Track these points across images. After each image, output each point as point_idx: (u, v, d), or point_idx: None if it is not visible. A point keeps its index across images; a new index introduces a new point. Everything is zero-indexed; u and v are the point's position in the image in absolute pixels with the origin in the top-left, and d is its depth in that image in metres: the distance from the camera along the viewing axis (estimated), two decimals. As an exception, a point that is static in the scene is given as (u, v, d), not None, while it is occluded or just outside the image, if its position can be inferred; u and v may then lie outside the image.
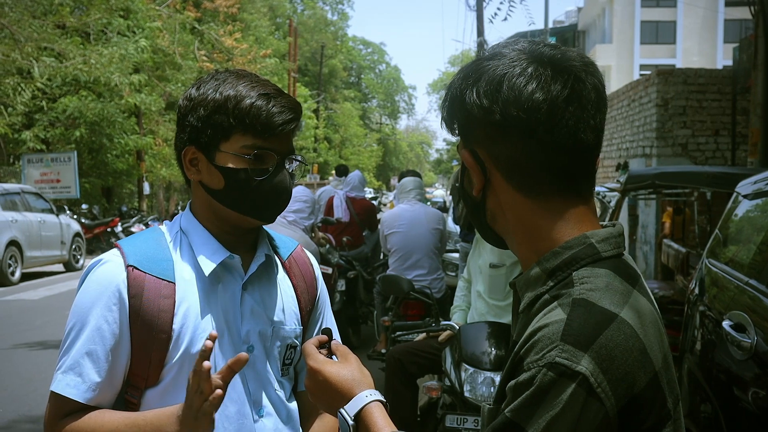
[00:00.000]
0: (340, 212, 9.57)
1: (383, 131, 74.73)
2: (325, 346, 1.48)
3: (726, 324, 3.25)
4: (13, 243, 14.69)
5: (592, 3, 53.02)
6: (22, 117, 19.74)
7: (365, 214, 9.64)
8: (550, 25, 44.41)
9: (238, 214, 1.73)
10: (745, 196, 3.98)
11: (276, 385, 1.79)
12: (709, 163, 12.12)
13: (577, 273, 1.14)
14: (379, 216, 9.70)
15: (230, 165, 1.70)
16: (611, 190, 7.67)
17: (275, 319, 1.80)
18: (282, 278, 1.87)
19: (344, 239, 9.22)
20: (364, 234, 9.62)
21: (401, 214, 6.89)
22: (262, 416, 1.75)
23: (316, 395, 1.42)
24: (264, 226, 1.87)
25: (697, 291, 4.06)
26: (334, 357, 1.46)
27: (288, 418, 1.81)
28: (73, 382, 1.62)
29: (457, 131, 1.25)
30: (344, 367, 1.41)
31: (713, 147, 12.45)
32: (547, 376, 1.04)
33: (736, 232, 4.02)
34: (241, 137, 1.69)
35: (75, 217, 20.14)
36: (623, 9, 48.66)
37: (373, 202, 11.63)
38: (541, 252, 1.19)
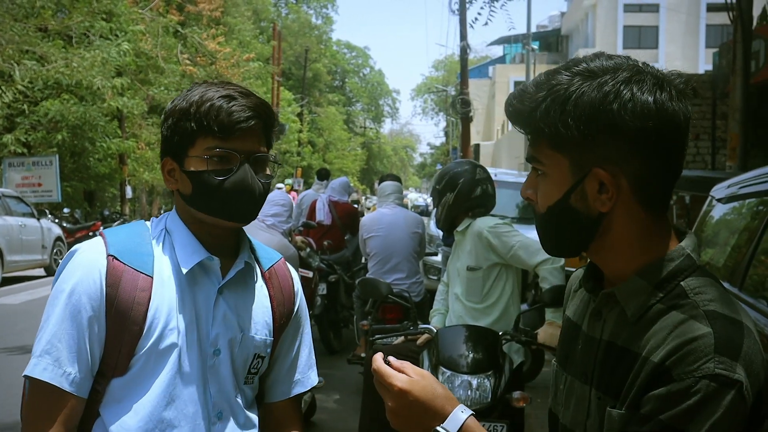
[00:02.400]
0: (323, 215, 9.56)
1: (367, 135, 74.73)
2: (386, 363, 1.42)
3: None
4: (-7, 247, 14.60)
5: (575, 7, 53.27)
6: (3, 120, 19.61)
7: (348, 217, 9.64)
8: (534, 30, 44.59)
9: (211, 217, 1.75)
10: (719, 200, 4.02)
11: (237, 392, 1.80)
12: (689, 167, 12.19)
13: (685, 283, 1.27)
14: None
15: (195, 169, 1.73)
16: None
17: (246, 327, 1.81)
18: (260, 288, 1.88)
19: (325, 243, 9.22)
20: (345, 238, 9.62)
21: (380, 218, 6.90)
22: (219, 419, 1.76)
23: (404, 416, 1.38)
24: (249, 236, 1.90)
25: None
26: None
27: (245, 426, 1.82)
28: (49, 366, 1.63)
29: (565, 145, 1.27)
30: (429, 385, 1.38)
31: (693, 151, 12.54)
32: (710, 386, 1.14)
33: (711, 235, 4.05)
34: (203, 140, 1.71)
35: (56, 221, 20.01)
36: (606, 14, 48.90)
37: (355, 205, 11.60)
38: (640, 264, 1.30)
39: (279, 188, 17.59)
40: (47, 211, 20.22)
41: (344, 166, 54.58)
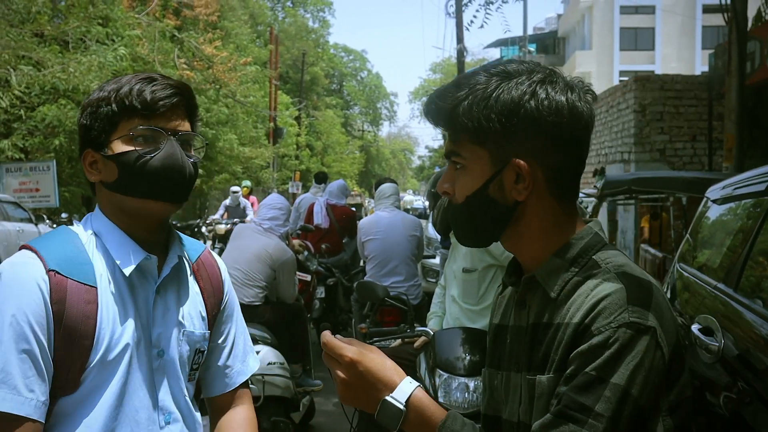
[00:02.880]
0: (320, 219, 9.57)
1: (365, 138, 74.69)
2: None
3: (695, 327, 3.28)
4: (-9, 252, 14.58)
5: (571, 10, 53.31)
6: (0, 126, 19.60)
7: (345, 221, 9.64)
8: (530, 32, 44.63)
9: (140, 200, 1.69)
10: (714, 201, 4.03)
11: (184, 391, 1.78)
12: (686, 168, 12.22)
13: (597, 256, 1.40)
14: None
15: (118, 151, 1.68)
16: (588, 195, 7.73)
17: (185, 323, 1.78)
18: (191, 281, 1.85)
19: (323, 246, 9.22)
20: (344, 241, 9.62)
21: (378, 221, 6.91)
22: (169, 422, 1.73)
23: (354, 387, 1.43)
24: (179, 235, 1.86)
25: (668, 295, 4.09)
26: None
27: (193, 424, 1.80)
28: (8, 395, 1.51)
29: (486, 138, 1.38)
30: (379, 357, 1.45)
31: (690, 152, 12.56)
32: (626, 333, 1.24)
33: (706, 236, 4.06)
34: (127, 122, 1.68)
35: (54, 226, 19.99)
36: (603, 16, 48.95)
37: (353, 208, 11.60)
38: (555, 246, 1.42)
39: (235, 191, 18.05)
40: (45, 217, 20.21)
41: (342, 169, 54.52)
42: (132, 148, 1.67)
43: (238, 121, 32.48)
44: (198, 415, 1.84)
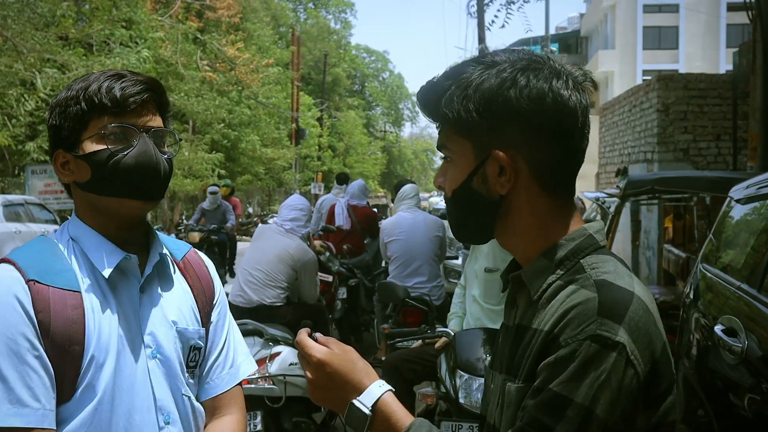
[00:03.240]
0: (342, 220, 9.58)
1: (387, 139, 74.68)
2: (311, 338, 1.45)
3: (718, 328, 3.25)
4: (16, 254, 14.71)
5: (594, 9, 53.05)
6: (26, 128, 19.78)
7: (366, 221, 9.65)
8: (552, 31, 44.45)
9: (116, 199, 1.67)
10: (737, 201, 3.99)
11: (183, 389, 1.75)
12: (710, 167, 12.10)
13: (585, 260, 1.30)
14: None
15: (90, 150, 1.65)
16: (611, 195, 7.68)
17: (175, 320, 1.75)
18: (178, 279, 1.83)
19: (345, 247, 9.24)
20: (365, 242, 9.63)
21: (401, 221, 6.91)
22: (168, 423, 1.69)
23: (322, 388, 1.41)
24: (158, 233, 1.84)
25: (691, 296, 4.06)
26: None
27: (194, 423, 1.77)
28: (13, 410, 1.49)
29: (468, 130, 1.32)
30: (350, 358, 1.42)
31: (715, 152, 12.44)
32: (591, 347, 1.16)
33: (729, 236, 4.02)
34: (98, 120, 1.65)
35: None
36: (625, 15, 48.65)
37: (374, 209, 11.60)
38: (545, 245, 1.33)
39: (213, 192, 15.31)
40: (69, 218, 20.39)
41: (365, 170, 54.52)
42: (104, 146, 1.65)
43: (260, 122, 32.62)
44: (202, 413, 1.81)
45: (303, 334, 1.45)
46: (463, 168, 1.35)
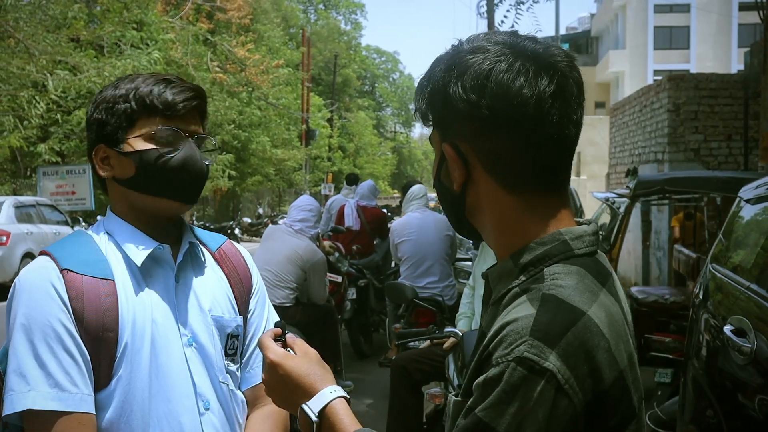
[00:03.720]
0: (351, 221, 9.60)
1: (397, 139, 74.70)
2: (280, 340, 1.45)
3: (727, 329, 3.24)
4: (28, 255, 14.79)
5: (604, 9, 52.91)
6: (38, 130, 19.88)
7: (376, 222, 9.66)
8: (563, 32, 44.36)
9: (154, 198, 1.72)
10: (747, 201, 3.98)
11: (221, 377, 1.76)
12: (721, 168, 12.06)
13: (549, 269, 1.16)
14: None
15: (138, 148, 1.69)
16: (621, 195, 7.66)
17: (211, 308, 1.78)
18: (213, 268, 1.86)
19: (354, 247, 9.25)
20: (375, 242, 9.64)
21: (410, 222, 6.91)
22: (207, 410, 1.71)
23: (275, 390, 1.40)
24: (191, 225, 1.87)
25: (701, 296, 4.05)
26: (290, 351, 1.43)
27: (234, 410, 1.79)
28: (52, 393, 1.53)
29: (432, 123, 1.25)
30: (305, 362, 1.39)
31: (726, 152, 12.39)
32: (516, 371, 1.04)
33: (739, 237, 4.01)
34: (146, 120, 1.70)
35: (90, 228, 20.23)
36: (636, 15, 48.50)
37: (384, 210, 11.60)
38: (516, 246, 1.20)
39: None
40: (81, 219, 20.48)
41: (375, 170, 54.57)
42: (152, 146, 1.69)
43: (270, 123, 32.71)
44: (241, 396, 1.82)
45: (266, 335, 1.45)
46: (436, 161, 1.28)
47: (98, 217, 16.64)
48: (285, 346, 1.44)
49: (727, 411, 3.26)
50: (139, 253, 1.70)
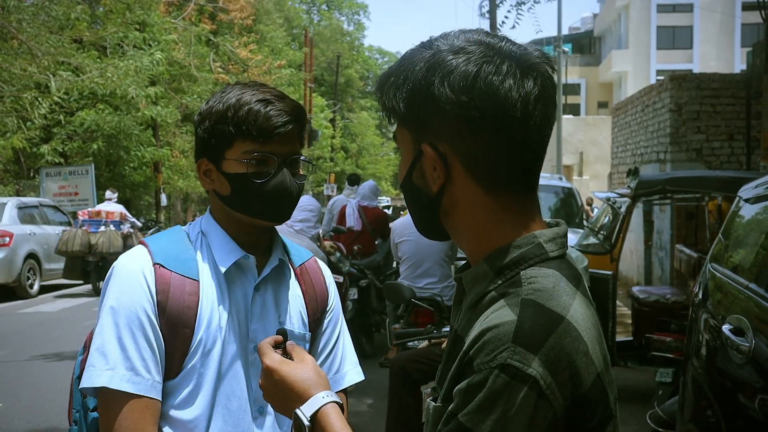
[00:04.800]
0: (353, 221, 9.60)
1: (400, 140, 74.63)
2: (281, 347, 1.51)
3: (725, 328, 3.24)
4: (31, 256, 14.84)
5: (608, 9, 52.89)
6: (40, 131, 19.93)
7: (377, 222, 9.67)
8: (566, 32, 44.31)
9: (247, 217, 1.81)
10: (746, 201, 3.98)
11: None
12: (724, 167, 12.04)
13: (525, 272, 1.15)
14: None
15: (233, 171, 1.77)
16: (622, 195, 7.66)
17: (282, 320, 1.85)
18: (293, 283, 1.92)
19: (356, 248, 9.25)
20: (376, 243, 9.64)
21: (411, 222, 6.88)
22: (261, 414, 1.79)
23: (271, 394, 1.45)
24: (281, 236, 1.95)
25: (700, 296, 4.05)
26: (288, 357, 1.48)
27: (286, 421, 1.83)
28: (127, 376, 1.64)
29: (405, 122, 1.22)
30: (300, 368, 1.44)
31: (728, 152, 12.38)
32: (499, 377, 1.04)
33: (739, 236, 4.01)
34: (242, 143, 1.75)
35: (93, 229, 20.28)
36: (639, 14, 48.49)
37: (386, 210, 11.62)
38: (490, 248, 1.19)
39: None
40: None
41: (377, 171, 54.59)
42: (245, 170, 1.76)
43: (273, 123, 32.68)
44: None
45: (266, 342, 1.50)
46: (406, 161, 1.25)
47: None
48: (285, 352, 1.50)
49: (726, 410, 3.26)
50: (225, 260, 1.79)
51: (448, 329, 4.35)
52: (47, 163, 20.93)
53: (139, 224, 17.15)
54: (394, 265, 8.98)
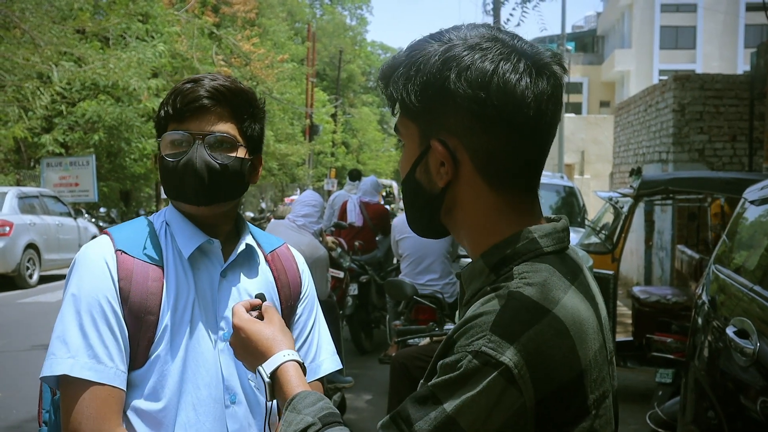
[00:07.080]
0: (354, 216, 9.59)
1: (401, 136, 74.57)
2: (258, 309, 1.56)
3: (729, 330, 3.23)
4: (31, 246, 14.83)
5: (611, 8, 52.81)
6: (42, 121, 19.90)
7: (379, 218, 9.66)
8: (569, 30, 44.24)
9: (177, 202, 1.80)
10: (752, 202, 3.97)
11: (249, 375, 1.79)
12: (726, 168, 12.02)
13: (517, 268, 1.16)
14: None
15: (161, 154, 1.78)
16: (624, 195, 7.65)
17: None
18: (263, 270, 1.89)
19: (357, 243, 9.24)
20: (377, 239, 9.63)
21: (411, 219, 6.87)
22: (233, 403, 1.75)
23: (239, 352, 1.51)
24: (250, 225, 1.93)
25: (704, 297, 4.04)
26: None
27: (259, 406, 1.80)
28: (89, 364, 1.60)
29: (412, 114, 1.21)
30: (266, 327, 1.49)
31: (730, 153, 12.36)
32: (471, 362, 1.06)
33: (743, 238, 3.99)
34: (171, 125, 1.76)
35: (93, 220, 20.28)
36: (643, 14, 48.41)
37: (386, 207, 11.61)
38: (487, 245, 1.20)
39: None
40: (84, 211, 20.51)
41: (378, 167, 54.56)
42: (166, 151, 1.75)
43: (274, 117, 32.66)
44: (261, 398, 1.83)
45: (239, 303, 1.55)
46: (410, 155, 1.24)
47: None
48: (261, 316, 1.54)
49: (728, 412, 3.25)
50: (188, 245, 1.77)
51: (450, 326, 4.34)
52: (48, 153, 20.90)
53: None
54: (395, 261, 8.97)
